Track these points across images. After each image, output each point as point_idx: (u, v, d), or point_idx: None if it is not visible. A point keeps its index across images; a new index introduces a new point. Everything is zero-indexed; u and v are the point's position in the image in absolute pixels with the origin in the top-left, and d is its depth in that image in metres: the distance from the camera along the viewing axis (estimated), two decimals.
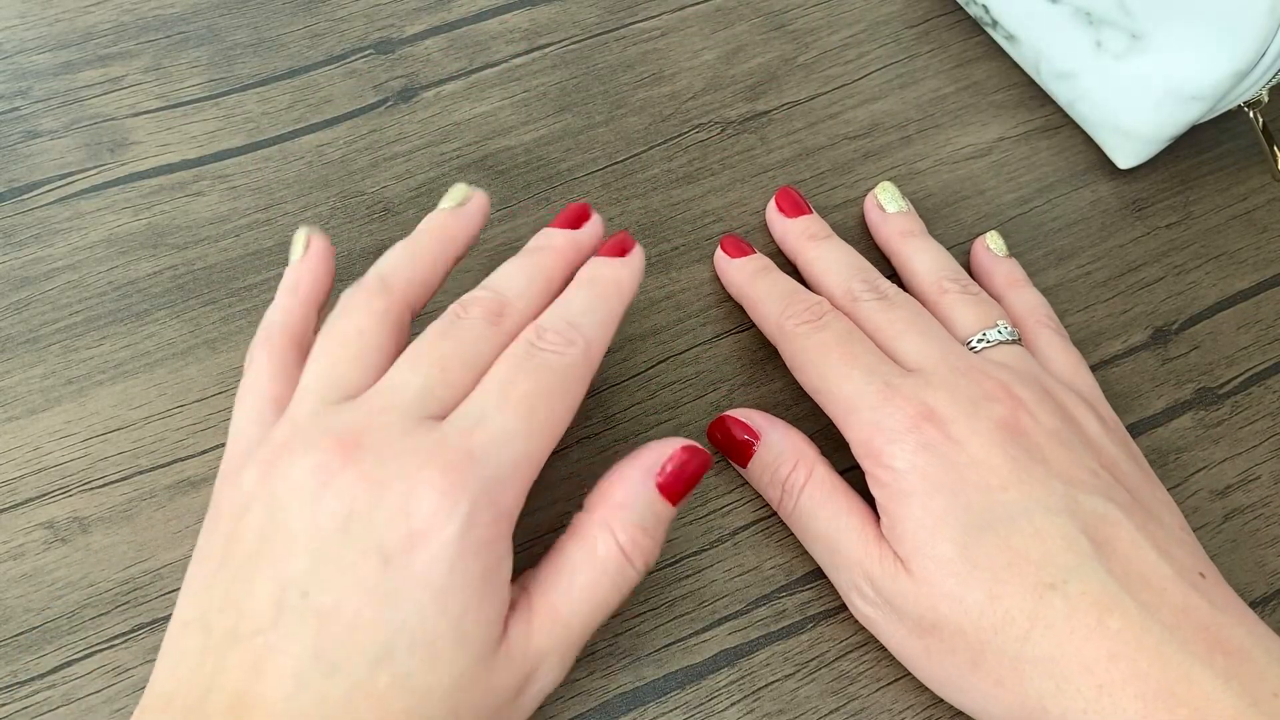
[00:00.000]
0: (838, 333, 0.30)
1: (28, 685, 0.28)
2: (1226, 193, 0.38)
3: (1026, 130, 0.39)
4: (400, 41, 0.40)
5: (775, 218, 0.35)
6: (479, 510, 0.23)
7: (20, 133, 0.37)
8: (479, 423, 0.24)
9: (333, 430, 0.24)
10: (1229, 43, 0.32)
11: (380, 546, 0.23)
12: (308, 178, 0.37)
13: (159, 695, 0.24)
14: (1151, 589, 0.25)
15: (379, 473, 0.23)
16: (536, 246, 0.29)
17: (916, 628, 0.27)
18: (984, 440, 0.27)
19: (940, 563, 0.26)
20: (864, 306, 0.31)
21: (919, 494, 0.27)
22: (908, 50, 0.41)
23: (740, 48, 0.41)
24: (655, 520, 0.26)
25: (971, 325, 0.31)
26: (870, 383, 0.28)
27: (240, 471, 0.25)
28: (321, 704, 0.22)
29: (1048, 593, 0.25)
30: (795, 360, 0.30)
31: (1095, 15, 0.35)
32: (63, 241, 0.35)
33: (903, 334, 0.30)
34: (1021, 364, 0.30)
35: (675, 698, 0.29)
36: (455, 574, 0.23)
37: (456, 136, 0.38)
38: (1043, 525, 0.25)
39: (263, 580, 0.23)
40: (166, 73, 0.39)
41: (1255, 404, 0.34)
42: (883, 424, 0.27)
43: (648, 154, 0.38)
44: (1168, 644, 0.23)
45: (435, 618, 0.23)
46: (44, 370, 0.33)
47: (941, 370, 0.28)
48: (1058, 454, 0.27)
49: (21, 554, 0.30)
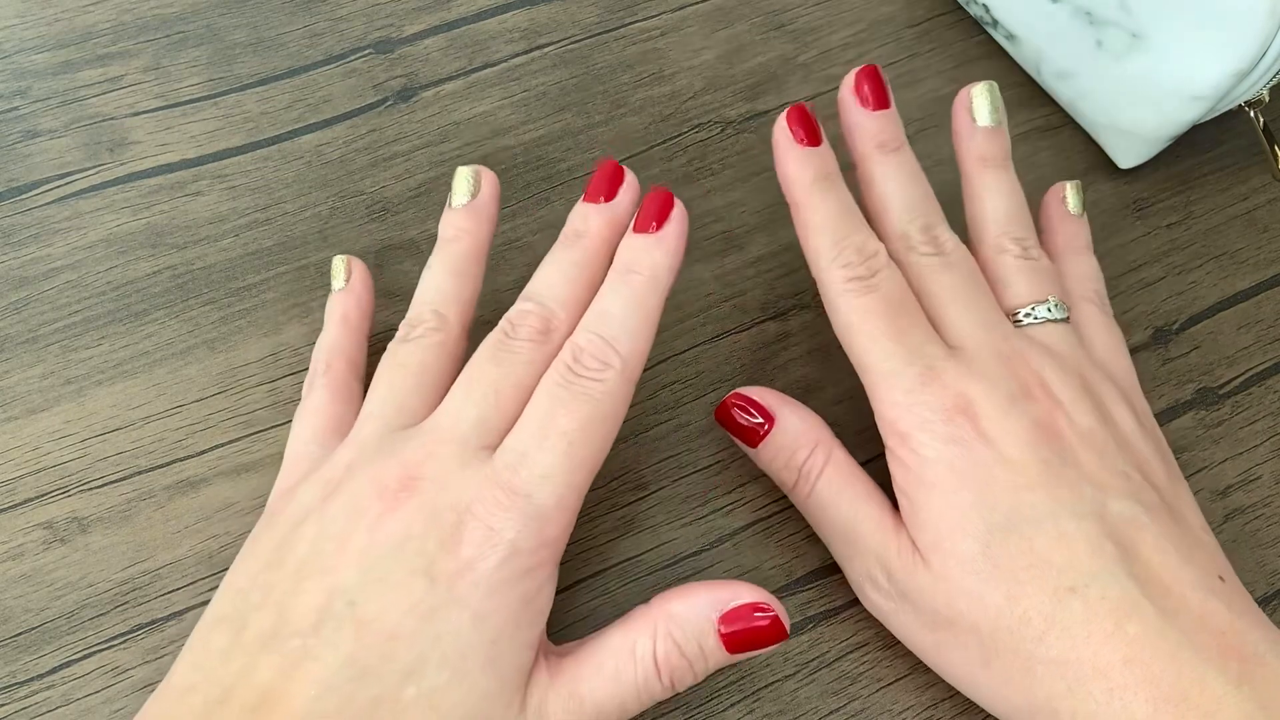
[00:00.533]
0: (887, 299, 0.28)
1: (27, 685, 0.28)
2: (1227, 192, 0.38)
3: (1027, 130, 0.39)
4: (400, 41, 0.40)
5: (850, 103, 0.30)
6: (522, 540, 0.24)
7: (19, 132, 0.37)
8: (521, 460, 0.25)
9: (397, 457, 0.25)
10: (1230, 42, 0.32)
11: (428, 567, 0.24)
12: (307, 177, 0.37)
13: (178, 687, 0.24)
14: (1172, 595, 0.24)
15: (436, 502, 0.24)
16: (575, 234, 0.29)
17: (930, 621, 0.26)
18: (1017, 440, 0.26)
19: (961, 559, 0.25)
20: (918, 261, 0.29)
21: (944, 487, 0.26)
22: (908, 50, 0.41)
23: (740, 47, 0.41)
24: (700, 654, 0.25)
25: (1023, 296, 0.29)
26: (911, 364, 0.27)
27: (300, 487, 0.26)
28: (345, 708, 0.22)
29: (1067, 596, 0.24)
30: (837, 315, 0.28)
31: (1096, 15, 0.35)
32: (62, 241, 0.35)
33: (951, 302, 0.28)
34: (1066, 350, 0.29)
35: (675, 698, 0.29)
36: (494, 598, 0.24)
37: (456, 136, 0.38)
38: (1068, 529, 0.25)
39: (310, 587, 0.24)
40: (166, 72, 0.39)
41: (1255, 404, 0.34)
42: (916, 408, 0.26)
43: (648, 154, 0.38)
44: (1183, 649, 0.23)
45: (470, 636, 0.23)
46: (43, 370, 0.33)
47: (984, 355, 0.27)
48: (1090, 457, 0.26)
49: (21, 554, 0.30)
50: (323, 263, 0.35)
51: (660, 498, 0.32)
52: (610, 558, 0.31)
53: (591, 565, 0.31)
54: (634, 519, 0.31)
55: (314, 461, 0.28)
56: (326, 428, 0.29)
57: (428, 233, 0.36)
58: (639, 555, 0.31)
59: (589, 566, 0.31)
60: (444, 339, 0.28)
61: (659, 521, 0.31)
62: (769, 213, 0.37)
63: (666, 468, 0.32)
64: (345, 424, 0.29)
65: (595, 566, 0.31)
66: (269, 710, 0.22)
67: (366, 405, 0.28)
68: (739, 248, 0.36)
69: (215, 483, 0.31)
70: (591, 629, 0.29)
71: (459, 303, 0.29)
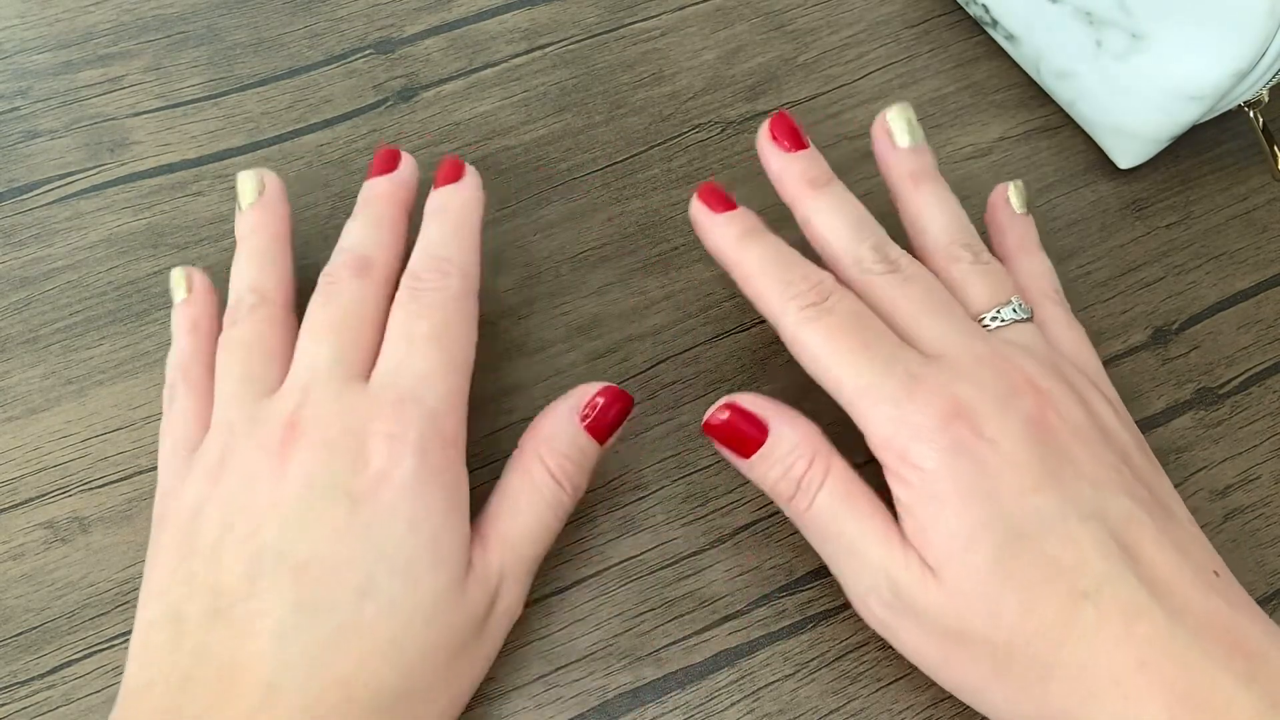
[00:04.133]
0: (847, 316, 0.27)
1: (27, 685, 0.28)
2: (1227, 192, 0.38)
3: (1027, 130, 0.39)
4: (400, 41, 0.40)
5: (770, 151, 0.31)
6: (428, 441, 0.25)
7: (20, 132, 0.37)
8: (398, 370, 0.26)
9: (271, 418, 0.26)
10: (1229, 42, 0.32)
11: (347, 492, 0.24)
12: (308, 178, 0.37)
13: (135, 689, 0.24)
14: (1175, 594, 0.24)
15: (328, 437, 0.25)
16: (365, 199, 0.31)
17: (938, 635, 0.26)
18: (1015, 439, 0.25)
19: (974, 573, 0.25)
20: (874, 281, 0.29)
21: (950, 500, 0.25)
22: (908, 50, 0.41)
23: (740, 47, 0.41)
24: (581, 453, 0.28)
25: (984, 301, 0.29)
26: (890, 373, 0.26)
27: (181, 487, 0.27)
28: (309, 647, 0.23)
29: (1081, 601, 0.24)
30: (802, 349, 0.28)
31: (1095, 15, 0.35)
32: (62, 241, 0.35)
33: (919, 314, 0.28)
34: (1038, 347, 0.28)
35: (675, 698, 0.29)
36: (421, 499, 0.25)
37: (456, 136, 0.38)
38: (1076, 531, 0.25)
39: (232, 557, 0.24)
40: (166, 72, 0.39)
41: (1255, 404, 0.34)
42: (909, 419, 0.26)
43: (648, 154, 0.38)
44: (1192, 649, 0.23)
45: (411, 542, 0.25)
46: (44, 370, 0.33)
47: (965, 358, 0.27)
48: (1083, 452, 0.26)
49: (21, 554, 0.30)
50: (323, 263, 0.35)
51: (660, 498, 0.32)
52: (610, 557, 0.31)
53: (592, 565, 0.31)
54: (634, 519, 0.31)
55: (185, 464, 0.28)
56: (195, 434, 0.28)
57: None
58: (639, 555, 0.31)
59: (589, 566, 0.31)
60: (270, 312, 0.29)
61: (659, 521, 0.31)
62: (769, 213, 0.37)
63: (666, 468, 0.32)
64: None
65: (595, 566, 0.31)
66: (235, 678, 0.23)
67: (218, 392, 0.28)
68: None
69: None
70: (591, 628, 0.29)
71: (273, 280, 0.30)
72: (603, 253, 0.36)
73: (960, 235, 0.31)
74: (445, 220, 0.30)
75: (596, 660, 0.29)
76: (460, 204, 0.30)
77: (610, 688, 0.29)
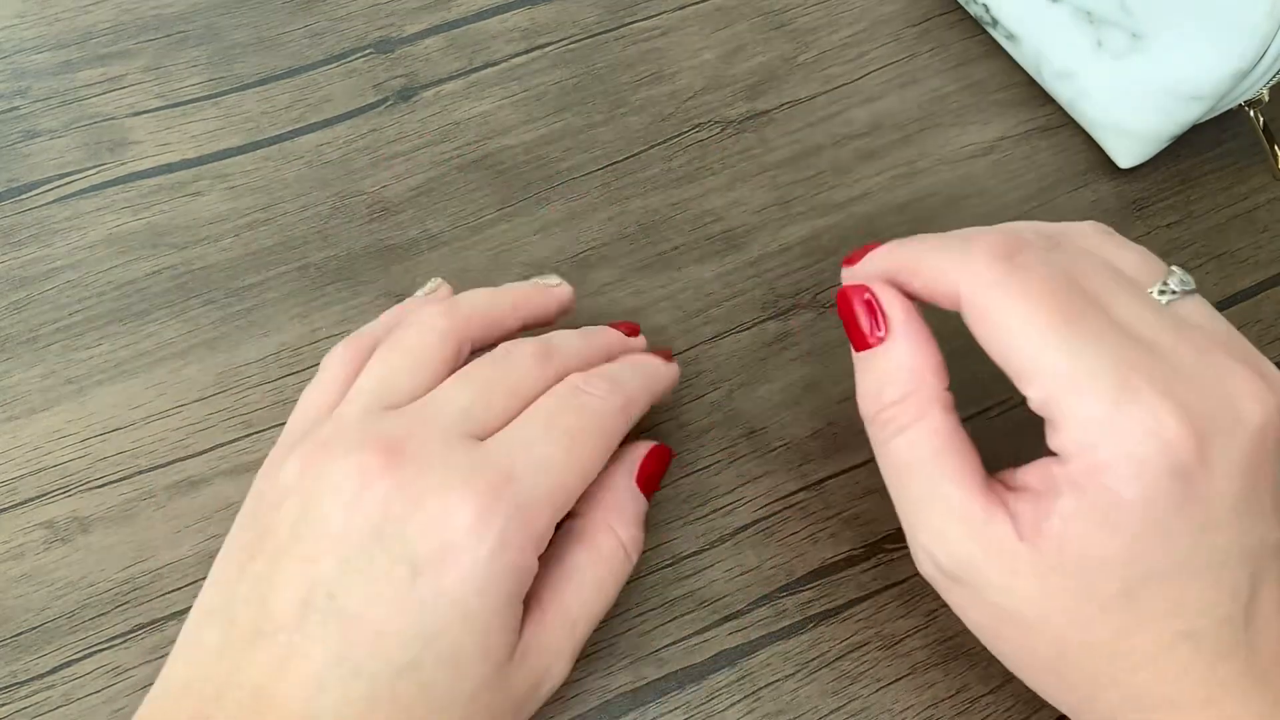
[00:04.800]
0: (1050, 278, 0.22)
1: (28, 685, 0.28)
2: (1227, 192, 0.38)
3: (1027, 130, 0.39)
4: (400, 41, 0.40)
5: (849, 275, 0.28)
6: (512, 531, 0.23)
7: (19, 132, 0.37)
8: (521, 446, 0.25)
9: (377, 434, 0.24)
10: (1230, 42, 0.32)
11: (411, 557, 0.23)
12: (307, 177, 0.37)
13: (174, 683, 0.24)
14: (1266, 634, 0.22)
15: (418, 483, 0.24)
16: (595, 329, 0.30)
17: (1005, 616, 0.23)
18: (1231, 467, 0.21)
19: (1093, 591, 0.22)
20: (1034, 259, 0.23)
21: (1128, 533, 0.21)
22: (908, 49, 0.41)
23: (740, 47, 0.41)
24: (640, 515, 0.28)
25: (1144, 276, 0.24)
26: (1102, 359, 0.21)
27: (282, 463, 0.25)
28: (342, 706, 0.22)
29: (1179, 641, 0.22)
30: (985, 314, 0.23)
31: (1096, 15, 0.35)
32: (62, 241, 0.35)
33: (1104, 286, 0.23)
34: (1219, 324, 0.24)
35: (675, 698, 0.29)
36: (483, 592, 0.23)
37: (456, 136, 0.38)
38: (1225, 578, 0.22)
39: (289, 578, 0.23)
40: (166, 72, 0.39)
41: None
42: (1124, 427, 0.21)
43: (648, 153, 0.38)
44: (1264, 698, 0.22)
45: (462, 634, 0.23)
46: (43, 370, 0.33)
47: (1181, 349, 0.22)
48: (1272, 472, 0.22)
49: (21, 554, 0.30)
50: (323, 263, 0.35)
51: (660, 498, 0.32)
52: None
53: None
54: None
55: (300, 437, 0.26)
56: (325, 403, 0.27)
57: (428, 233, 0.36)
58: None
59: None
60: (449, 328, 0.27)
61: (659, 521, 0.31)
62: (769, 213, 0.37)
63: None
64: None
65: None
66: (264, 709, 0.22)
67: (358, 381, 0.27)
68: (739, 248, 0.36)
69: (215, 482, 0.31)
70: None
71: (480, 314, 0.29)
72: (603, 253, 0.36)
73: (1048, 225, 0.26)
74: (636, 364, 0.29)
75: (596, 660, 0.29)
76: (656, 365, 0.29)
77: (610, 688, 0.29)
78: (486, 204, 0.37)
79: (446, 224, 0.36)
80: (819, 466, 0.32)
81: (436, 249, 0.36)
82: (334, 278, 0.35)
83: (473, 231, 0.36)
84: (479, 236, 0.36)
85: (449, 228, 0.36)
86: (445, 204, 0.37)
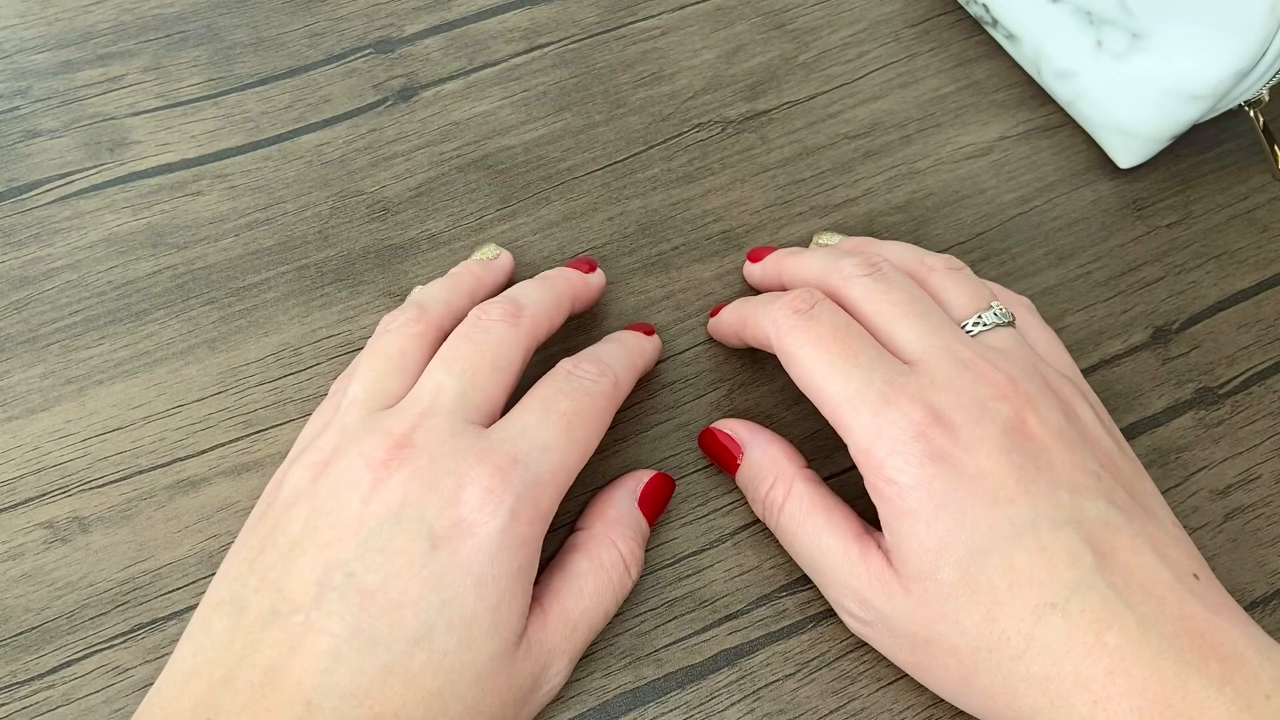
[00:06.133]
0: (832, 325, 0.28)
1: (27, 685, 0.28)
2: (1227, 192, 0.38)
3: (1027, 129, 0.39)
4: (400, 41, 0.40)
5: (749, 270, 0.35)
6: (521, 508, 0.25)
7: (20, 132, 0.37)
8: (522, 433, 0.26)
9: (384, 431, 0.26)
10: (1230, 42, 0.32)
11: (429, 533, 0.24)
12: (307, 177, 0.37)
13: (179, 672, 0.24)
14: (1151, 598, 0.24)
15: (431, 470, 0.25)
16: (549, 273, 0.32)
17: (909, 642, 0.26)
18: (991, 447, 0.25)
19: (941, 586, 0.25)
20: (857, 286, 0.29)
21: (924, 513, 0.25)
22: (908, 49, 0.41)
23: (740, 47, 0.41)
24: (641, 535, 0.29)
25: (965, 306, 0.29)
26: (870, 382, 0.26)
27: (288, 472, 0.27)
28: (355, 679, 0.23)
29: (1048, 613, 0.24)
30: (788, 358, 0.28)
31: (1096, 14, 0.35)
32: (62, 241, 0.35)
33: (900, 318, 0.28)
34: (1020, 351, 0.28)
35: (675, 698, 0.29)
36: (496, 564, 0.25)
37: (456, 136, 0.38)
38: (1048, 541, 0.25)
39: (307, 563, 0.24)
40: (166, 72, 0.39)
41: (1256, 404, 0.34)
42: (886, 431, 0.26)
43: (648, 153, 0.38)
44: (1164, 655, 0.23)
45: (475, 602, 0.24)
46: (43, 370, 0.33)
47: (945, 364, 0.27)
48: (1062, 457, 0.26)
49: (21, 554, 0.30)
50: (323, 262, 0.35)
51: None
52: None
53: None
54: None
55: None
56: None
57: (428, 232, 0.36)
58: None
59: None
60: (423, 329, 0.29)
61: (659, 521, 0.31)
62: (769, 213, 0.37)
63: (666, 468, 0.32)
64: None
65: None
66: (275, 687, 0.23)
67: (348, 391, 0.28)
68: (739, 248, 0.36)
69: (215, 482, 0.31)
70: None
71: (444, 304, 0.30)
72: (602, 253, 0.36)
73: (927, 255, 0.31)
74: (621, 344, 0.31)
75: (596, 660, 0.29)
76: (638, 342, 0.32)
77: (610, 688, 0.29)
78: (486, 204, 0.37)
79: (446, 224, 0.36)
80: (818, 467, 0.32)
81: (436, 249, 0.36)
82: (334, 277, 0.35)
83: (473, 231, 0.36)
84: (479, 236, 0.36)
85: (449, 228, 0.36)
86: (445, 204, 0.37)
